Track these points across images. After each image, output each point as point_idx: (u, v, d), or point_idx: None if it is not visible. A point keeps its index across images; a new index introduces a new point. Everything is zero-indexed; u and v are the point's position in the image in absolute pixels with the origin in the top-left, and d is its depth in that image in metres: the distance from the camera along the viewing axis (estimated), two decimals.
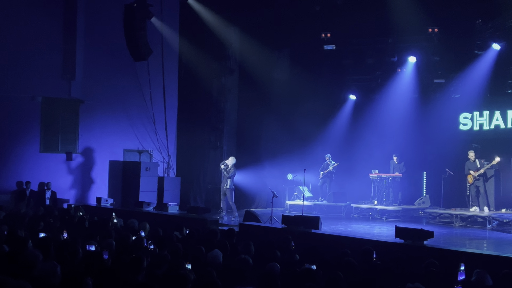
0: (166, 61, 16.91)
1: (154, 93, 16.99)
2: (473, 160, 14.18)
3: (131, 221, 9.84)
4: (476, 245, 10.64)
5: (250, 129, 17.83)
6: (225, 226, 11.64)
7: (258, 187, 16.98)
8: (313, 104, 17.39)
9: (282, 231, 10.38)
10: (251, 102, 17.45)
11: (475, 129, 15.92)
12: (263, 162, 17.30)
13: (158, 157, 17.02)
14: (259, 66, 16.88)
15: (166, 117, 17.07)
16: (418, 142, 16.52)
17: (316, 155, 17.20)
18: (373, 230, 12.74)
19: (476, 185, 14.06)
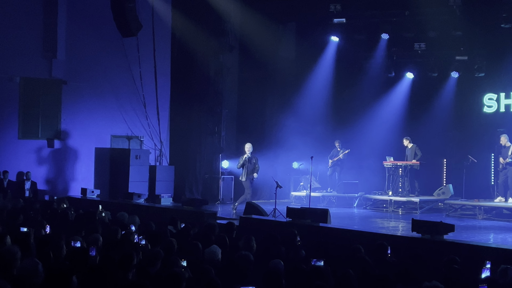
0: (158, 37, 16.83)
1: (144, 72, 16.93)
2: (504, 146, 14.10)
3: (120, 215, 9.87)
4: (501, 239, 10.65)
5: (252, 112, 17.79)
6: (224, 220, 11.66)
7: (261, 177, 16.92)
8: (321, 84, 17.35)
9: (286, 225, 10.40)
10: (253, 83, 17.39)
11: (501, 111, 15.87)
12: (266, 149, 17.28)
13: (149, 144, 17.01)
14: (262, 43, 16.79)
15: (158, 100, 17.03)
16: (437, 126, 16.49)
17: (325, 141, 17.17)
18: (388, 223, 12.77)
19: (505, 174, 14.02)
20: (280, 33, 18.32)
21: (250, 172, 14.13)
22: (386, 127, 17.07)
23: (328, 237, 9.14)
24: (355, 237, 9.26)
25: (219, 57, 17.58)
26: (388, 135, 16.94)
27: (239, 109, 18.39)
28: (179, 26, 16.82)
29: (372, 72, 17.71)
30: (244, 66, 17.97)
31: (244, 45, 17.49)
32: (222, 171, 17.37)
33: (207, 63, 17.23)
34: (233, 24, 17.61)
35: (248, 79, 17.66)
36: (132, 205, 13.41)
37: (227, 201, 16.89)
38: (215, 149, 17.62)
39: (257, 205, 12.55)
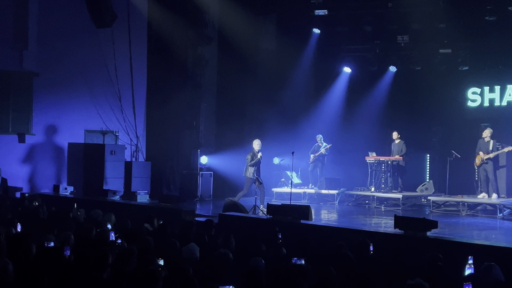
0: (133, 28, 16.70)
1: (119, 65, 16.79)
2: (487, 140, 14.26)
3: (94, 212, 9.81)
4: (485, 236, 10.79)
5: (232, 106, 17.77)
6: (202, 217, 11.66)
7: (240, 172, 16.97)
8: (303, 77, 17.39)
9: (267, 222, 10.43)
10: (233, 75, 17.35)
11: (485, 105, 16.05)
12: (246, 144, 17.26)
13: (125, 139, 16.90)
14: (242, 34, 16.75)
15: (134, 93, 16.92)
16: (421, 121, 16.64)
17: (306, 135, 17.23)
18: (370, 220, 12.87)
19: (485, 169, 14.19)
20: (261, 25, 18.31)
21: (258, 170, 13.86)
22: (368, 121, 17.17)
23: (310, 234, 9.19)
24: (337, 234, 9.32)
25: (198, 49, 17.52)
26: (371, 130, 17.05)
27: (218, 103, 18.35)
28: (155, 17, 16.71)
29: (354, 65, 17.80)
30: (223, 58, 17.93)
31: (224, 37, 17.45)
32: (200, 167, 17.32)
33: (185, 55, 17.15)
34: (211, 15, 17.55)
35: (227, 72, 17.63)
36: (107, 203, 13.37)
37: (205, 198, 16.87)
38: (193, 144, 17.57)
39: (236, 201, 12.56)
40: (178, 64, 16.98)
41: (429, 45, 16.37)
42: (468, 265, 6.41)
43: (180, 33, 16.46)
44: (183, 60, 17.06)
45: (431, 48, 16.41)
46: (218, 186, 17.23)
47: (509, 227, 11.87)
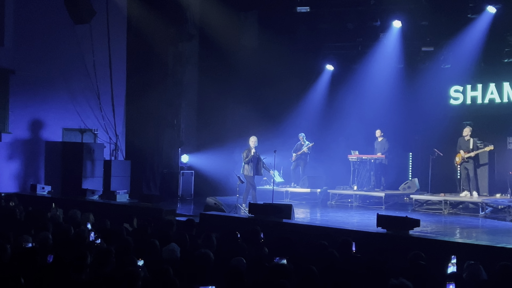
0: (113, 25, 16.57)
1: (98, 62, 16.67)
2: (467, 139, 14.40)
3: (72, 212, 9.74)
4: (467, 234, 10.89)
5: (213, 104, 17.72)
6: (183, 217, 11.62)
7: (222, 171, 16.97)
8: (285, 75, 17.37)
9: (249, 221, 10.42)
10: (214, 73, 17.31)
11: (467, 103, 16.20)
12: (227, 142, 17.26)
13: (104, 137, 16.78)
14: (223, 31, 16.72)
15: (113, 91, 16.79)
16: (403, 119, 16.74)
17: (289, 134, 17.25)
18: (353, 219, 12.91)
19: (466, 168, 14.33)
20: (242, 22, 18.29)
21: (256, 167, 13.66)
22: (351, 119, 17.23)
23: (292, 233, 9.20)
24: (319, 233, 9.33)
25: (178, 46, 17.45)
26: (354, 128, 17.11)
27: (199, 101, 18.30)
28: (135, 13, 16.61)
29: (337, 62, 17.86)
30: (204, 55, 17.88)
31: (204, 34, 17.40)
32: (181, 166, 17.27)
33: (165, 52, 17.08)
34: (192, 11, 17.49)
35: (209, 69, 17.58)
36: (86, 202, 13.29)
37: (186, 197, 16.83)
38: (174, 143, 17.50)
39: (218, 200, 12.53)
40: (158, 61, 16.90)
41: (411, 43, 16.48)
42: (451, 264, 6.46)
43: (160, 30, 16.38)
44: (163, 57, 16.99)
45: (413, 46, 16.52)
46: (200, 185, 17.19)
47: (491, 225, 11.99)
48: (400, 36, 16.46)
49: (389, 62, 16.90)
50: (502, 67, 15.41)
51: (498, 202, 13.30)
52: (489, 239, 10.00)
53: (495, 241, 9.12)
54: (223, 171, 16.86)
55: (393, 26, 16.36)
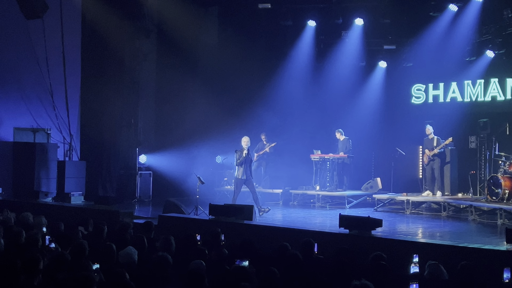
0: (66, 20, 16.31)
1: (51, 59, 16.40)
2: (431, 137, 14.65)
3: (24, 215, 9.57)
4: (430, 234, 11.09)
5: (172, 102, 17.61)
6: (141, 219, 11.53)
7: (181, 172, 16.88)
8: (246, 72, 17.39)
9: (209, 223, 10.41)
10: (173, 70, 17.21)
11: (429, 102, 16.50)
12: (187, 142, 17.18)
13: (57, 137, 16.51)
14: (182, 27, 16.64)
15: (67, 89, 16.52)
16: (366, 118, 16.93)
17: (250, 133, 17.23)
18: (315, 219, 13.00)
19: (432, 167, 14.57)
20: (202, 18, 18.23)
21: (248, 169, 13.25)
22: (313, 118, 17.35)
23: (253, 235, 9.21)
24: (281, 234, 9.38)
25: (135, 42, 17.29)
26: (316, 127, 17.23)
27: (157, 99, 18.16)
28: (90, 8, 16.36)
29: (299, 61, 17.95)
30: (163, 52, 17.75)
31: (163, 30, 17.29)
32: (139, 166, 17.11)
33: (121, 49, 16.88)
34: (150, 7, 17.36)
35: (167, 66, 17.46)
36: (38, 205, 13.13)
37: (144, 198, 16.69)
38: (131, 143, 17.33)
39: (177, 202, 12.47)
40: (114, 58, 16.69)
41: (373, 41, 16.69)
42: (413, 264, 6.56)
43: (116, 26, 16.19)
44: (119, 54, 16.78)
45: (375, 44, 16.73)
46: (158, 187, 17.07)
47: (454, 224, 12.23)
48: (362, 34, 16.65)
49: (351, 60, 17.09)
50: (464, 66, 15.72)
51: (460, 202, 13.58)
52: (451, 238, 10.20)
53: (457, 241, 9.31)
54: (182, 172, 16.77)
55: (355, 24, 16.54)
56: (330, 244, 8.14)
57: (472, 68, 15.61)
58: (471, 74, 15.65)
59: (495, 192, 12.51)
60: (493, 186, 12.63)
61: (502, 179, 12.42)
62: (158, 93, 18.13)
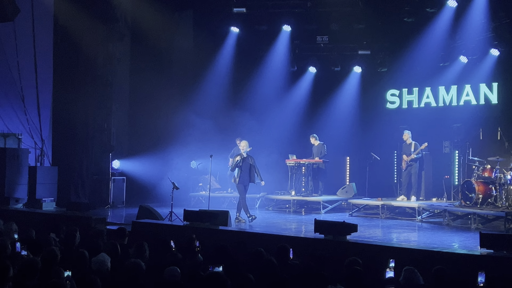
0: (38, 23, 16.15)
1: (22, 62, 16.22)
2: (408, 143, 14.76)
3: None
4: (404, 239, 11.17)
5: (146, 106, 17.50)
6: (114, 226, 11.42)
7: (155, 177, 16.78)
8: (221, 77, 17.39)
9: (184, 229, 10.35)
10: (147, 75, 17.13)
11: (404, 107, 16.65)
12: (161, 147, 17.10)
13: (28, 142, 16.30)
14: (156, 31, 16.59)
15: (38, 93, 16.35)
16: (341, 123, 17.04)
17: (226, 138, 17.25)
18: (290, 225, 13.02)
19: (410, 172, 14.68)
20: (176, 21, 18.18)
21: (245, 175, 13.00)
22: (288, 123, 17.40)
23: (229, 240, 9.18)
24: (257, 240, 9.36)
25: (109, 46, 17.16)
26: (291, 132, 17.28)
27: (131, 103, 18.04)
28: (62, 11, 16.21)
29: (274, 66, 17.98)
30: (136, 56, 17.65)
31: (137, 33, 17.21)
32: (112, 172, 16.97)
33: (94, 53, 16.74)
34: (123, 10, 17.27)
35: (141, 71, 17.36)
36: (9, 211, 13.00)
37: (118, 204, 16.56)
38: (104, 148, 17.18)
39: (151, 208, 12.39)
40: (87, 61, 16.54)
41: (348, 46, 16.80)
42: (389, 269, 6.59)
43: (89, 29, 16.07)
44: (92, 57, 16.64)
45: (350, 49, 16.84)
46: (132, 192, 16.95)
47: (428, 229, 12.35)
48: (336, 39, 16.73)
49: (326, 65, 17.18)
50: (438, 71, 15.90)
51: (434, 207, 13.71)
52: (425, 243, 10.30)
53: (431, 245, 9.39)
54: (156, 177, 16.67)
55: (330, 29, 16.60)
56: (305, 250, 8.15)
57: (446, 73, 15.80)
58: (445, 79, 15.85)
59: (469, 197, 12.65)
60: (467, 191, 12.77)
61: (476, 184, 12.57)
62: (131, 97, 18.02)
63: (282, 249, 7.29)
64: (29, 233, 8.67)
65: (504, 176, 12.44)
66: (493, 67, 14.80)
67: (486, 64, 14.97)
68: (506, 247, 7.80)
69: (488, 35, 14.54)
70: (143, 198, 15.89)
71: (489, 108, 14.91)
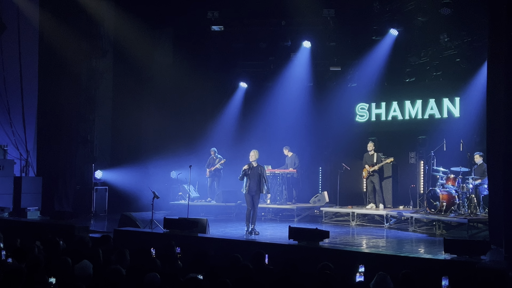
0: (24, 39, 15.99)
1: (9, 77, 16.03)
2: (371, 154, 14.91)
3: None
4: (374, 244, 11.23)
5: (128, 120, 17.43)
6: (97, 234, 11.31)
7: (137, 187, 16.66)
8: (200, 92, 17.39)
9: (164, 237, 10.29)
10: (129, 89, 17.07)
11: (372, 120, 16.80)
12: (142, 158, 17.01)
13: (14, 153, 16.07)
14: (138, 47, 16.55)
15: (24, 106, 16.16)
16: (313, 135, 17.14)
17: (204, 149, 17.23)
18: (266, 231, 13.01)
19: (372, 181, 14.81)
20: (157, 38, 18.18)
21: (253, 184, 11.95)
22: (264, 135, 17.43)
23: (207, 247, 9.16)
24: (234, 247, 9.35)
25: (92, 61, 17.09)
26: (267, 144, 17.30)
27: (113, 116, 17.94)
28: (47, 28, 16.07)
29: (250, 80, 18.05)
30: (119, 71, 17.58)
31: (119, 50, 17.15)
32: (95, 182, 16.83)
33: (78, 68, 16.64)
34: (106, 27, 17.22)
35: (123, 85, 17.29)
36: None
37: (100, 213, 16.40)
38: (87, 159, 17.04)
39: (132, 216, 12.29)
40: (71, 76, 16.41)
41: (320, 62, 16.93)
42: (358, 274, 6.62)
43: (74, 45, 15.95)
44: (76, 72, 16.53)
45: (322, 65, 16.97)
46: (114, 201, 16.80)
47: (395, 235, 12.43)
48: (309, 55, 16.87)
49: (300, 80, 17.28)
50: (404, 87, 16.12)
51: (401, 214, 13.82)
52: (393, 248, 10.37)
53: (399, 251, 9.47)
54: (137, 187, 16.55)
55: (303, 46, 16.75)
56: (280, 255, 8.15)
57: (411, 88, 15.99)
58: (411, 94, 16.04)
59: (434, 205, 12.79)
60: (432, 199, 12.90)
61: (440, 193, 12.71)
62: (114, 111, 17.91)
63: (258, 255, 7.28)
64: (14, 241, 8.54)
65: (466, 185, 12.62)
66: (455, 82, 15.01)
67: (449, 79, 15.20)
68: (468, 252, 7.90)
69: (451, 53, 14.76)
70: (125, 207, 15.75)
71: (452, 121, 15.11)
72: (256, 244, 9.30)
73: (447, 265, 7.70)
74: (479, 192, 12.54)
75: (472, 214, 12.25)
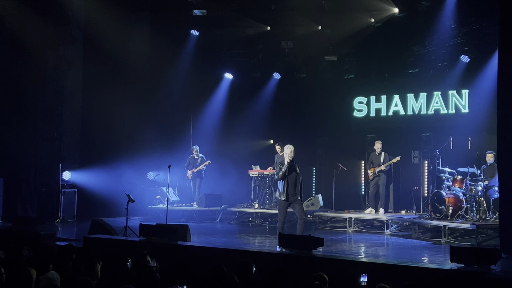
0: None
1: None
2: (378, 153, 14.90)
3: None
4: (372, 253, 11.27)
5: (100, 114, 17.34)
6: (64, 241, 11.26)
7: (110, 189, 16.61)
8: (180, 83, 17.35)
9: (139, 245, 10.27)
10: (101, 80, 16.99)
11: (371, 115, 16.83)
12: (116, 157, 16.95)
13: None
14: (111, 34, 16.48)
15: None
16: (306, 131, 17.16)
17: (184, 147, 17.24)
18: (254, 239, 13.03)
19: (377, 183, 14.79)
20: (132, 24, 18.13)
21: (293, 188, 10.84)
22: (251, 132, 17.44)
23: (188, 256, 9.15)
24: (218, 256, 9.35)
25: (59, 49, 17.00)
26: (255, 141, 17.33)
27: (84, 110, 17.86)
28: (8, 11, 15.96)
29: (236, 71, 18.04)
30: (90, 60, 17.49)
31: (90, 37, 17.06)
32: (62, 184, 16.75)
33: (44, 57, 16.58)
34: (76, 12, 17.13)
35: (95, 76, 17.22)
36: None
37: (69, 219, 16.33)
38: (54, 158, 16.96)
39: (104, 222, 12.25)
40: (35, 66, 16.32)
41: (314, 51, 16.90)
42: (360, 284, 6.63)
43: (39, 32, 15.86)
44: (41, 61, 16.45)
45: (316, 55, 16.96)
46: (84, 205, 16.73)
47: (397, 243, 12.48)
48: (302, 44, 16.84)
49: (291, 71, 17.29)
50: (407, 78, 16.15)
51: (403, 219, 13.86)
52: (394, 257, 10.40)
53: (401, 260, 9.50)
54: (110, 189, 16.49)
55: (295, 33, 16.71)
56: (269, 265, 8.16)
57: (415, 80, 16.03)
58: (414, 86, 16.08)
59: (439, 209, 12.82)
60: (437, 202, 12.93)
61: (446, 196, 12.75)
62: (84, 104, 17.82)
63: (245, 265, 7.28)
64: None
65: (475, 187, 12.64)
66: (463, 73, 15.05)
67: (456, 70, 15.25)
68: (476, 261, 7.93)
69: (458, 41, 14.82)
70: (96, 212, 15.68)
71: (459, 117, 15.17)
72: (242, 253, 9.31)
73: (454, 276, 7.74)
74: (488, 195, 12.59)
75: (481, 219, 12.30)
